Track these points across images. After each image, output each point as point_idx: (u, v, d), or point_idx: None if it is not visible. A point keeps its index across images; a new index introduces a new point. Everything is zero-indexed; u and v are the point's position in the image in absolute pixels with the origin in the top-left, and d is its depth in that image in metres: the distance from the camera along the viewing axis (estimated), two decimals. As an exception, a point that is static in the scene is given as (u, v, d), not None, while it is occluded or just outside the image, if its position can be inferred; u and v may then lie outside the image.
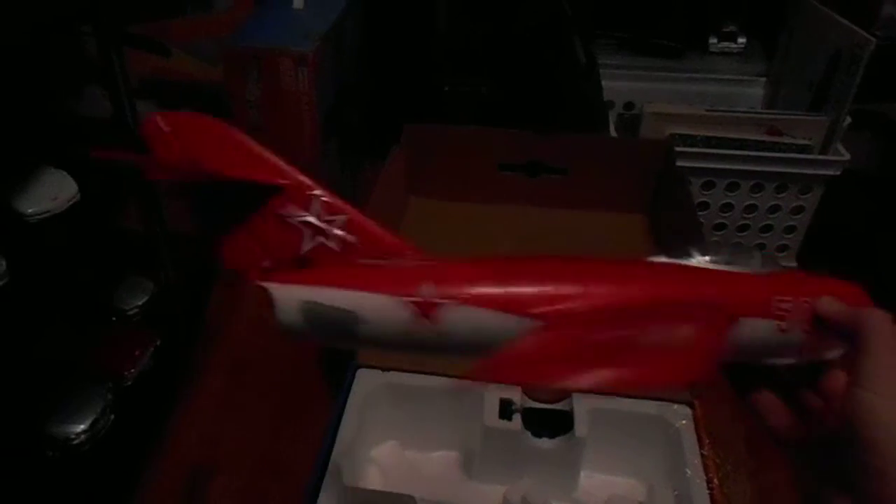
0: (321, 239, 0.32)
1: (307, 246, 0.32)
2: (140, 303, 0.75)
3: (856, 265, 0.86)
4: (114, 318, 0.73)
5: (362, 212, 0.33)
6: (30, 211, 0.53)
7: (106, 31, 0.63)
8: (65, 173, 0.56)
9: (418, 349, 0.31)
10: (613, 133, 0.81)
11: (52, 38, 0.67)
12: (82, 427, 0.61)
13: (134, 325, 0.73)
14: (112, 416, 0.64)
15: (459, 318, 0.30)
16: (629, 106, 0.96)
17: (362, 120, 0.95)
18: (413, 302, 0.30)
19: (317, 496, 0.56)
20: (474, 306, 0.30)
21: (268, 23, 0.76)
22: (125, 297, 0.74)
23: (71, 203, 0.55)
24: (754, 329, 0.35)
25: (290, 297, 0.31)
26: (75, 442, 0.61)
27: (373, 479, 0.63)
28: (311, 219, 0.32)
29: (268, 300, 0.31)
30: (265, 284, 0.32)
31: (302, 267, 0.32)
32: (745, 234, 0.86)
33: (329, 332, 0.31)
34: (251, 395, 0.72)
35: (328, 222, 0.32)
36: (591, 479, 0.62)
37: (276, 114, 0.75)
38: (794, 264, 0.88)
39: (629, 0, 0.98)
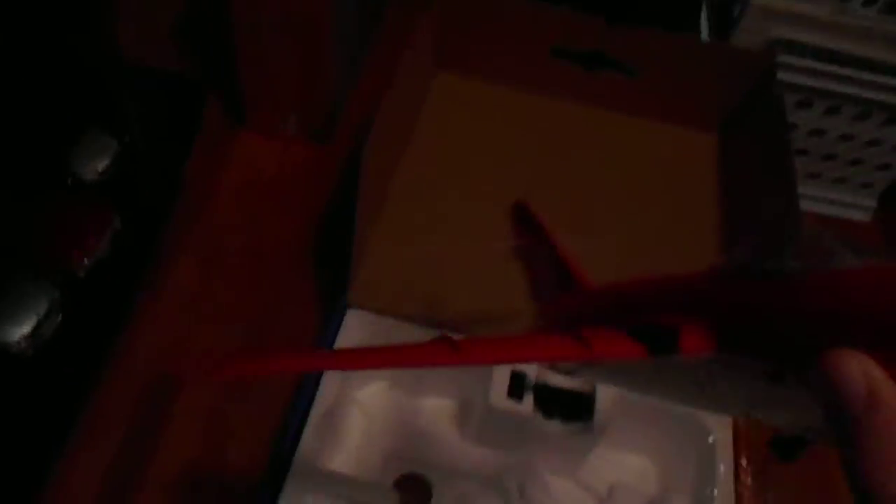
0: None
1: None
2: (100, 167, 0.62)
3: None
4: (69, 183, 0.61)
5: None
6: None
7: None
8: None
9: None
10: (705, 25, 0.64)
11: None
12: (22, 332, 0.52)
13: (90, 196, 0.61)
14: (60, 317, 0.54)
15: None
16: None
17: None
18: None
19: (297, 444, 0.50)
20: None
21: None
22: (82, 158, 0.62)
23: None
24: None
25: None
26: (14, 350, 0.52)
27: (356, 425, 0.55)
28: None
29: None
30: None
31: None
32: (829, 163, 0.72)
33: None
34: (227, 294, 0.62)
35: None
36: (600, 458, 0.54)
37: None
38: (873, 204, 0.75)
39: None
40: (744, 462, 0.48)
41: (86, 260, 0.57)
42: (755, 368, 0.22)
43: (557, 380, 0.51)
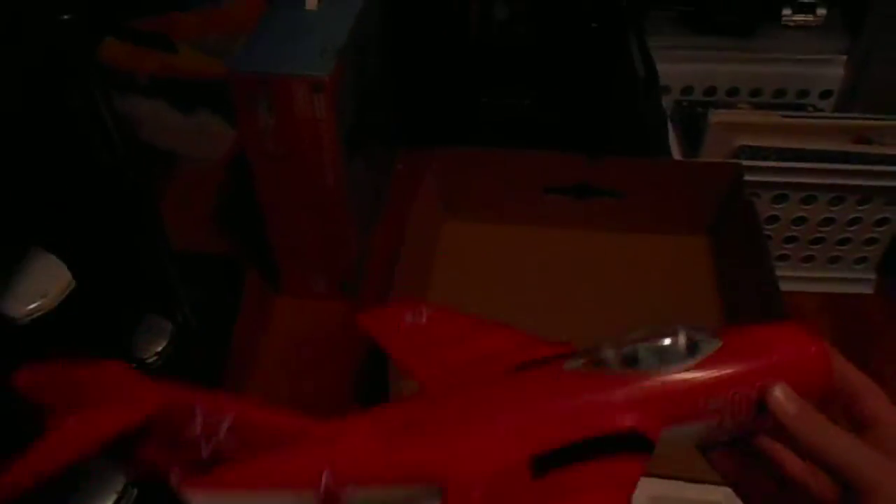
0: (215, 441, 0.31)
1: (206, 451, 0.31)
2: (158, 348, 0.70)
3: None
4: (133, 367, 0.69)
5: (248, 404, 0.32)
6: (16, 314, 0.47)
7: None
8: (55, 259, 0.49)
9: None
10: (675, 145, 0.71)
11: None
12: (103, 510, 0.58)
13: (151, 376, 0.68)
14: (135, 491, 0.60)
15: (362, 498, 0.30)
16: (687, 91, 0.85)
17: (388, 130, 0.85)
18: (319, 495, 0.29)
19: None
20: (374, 486, 0.30)
21: (277, 33, 0.67)
22: (142, 343, 0.69)
23: (66, 293, 0.49)
24: (679, 434, 0.31)
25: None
26: (97, 528, 0.57)
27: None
28: (198, 430, 0.31)
29: None
30: (184, 494, 0.30)
31: (211, 467, 0.31)
32: (818, 246, 0.77)
33: None
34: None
35: (216, 428, 0.30)
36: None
37: (293, 142, 0.67)
38: (872, 276, 0.79)
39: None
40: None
41: (153, 435, 0.64)
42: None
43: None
